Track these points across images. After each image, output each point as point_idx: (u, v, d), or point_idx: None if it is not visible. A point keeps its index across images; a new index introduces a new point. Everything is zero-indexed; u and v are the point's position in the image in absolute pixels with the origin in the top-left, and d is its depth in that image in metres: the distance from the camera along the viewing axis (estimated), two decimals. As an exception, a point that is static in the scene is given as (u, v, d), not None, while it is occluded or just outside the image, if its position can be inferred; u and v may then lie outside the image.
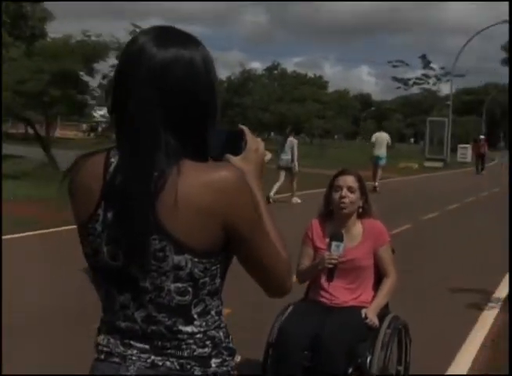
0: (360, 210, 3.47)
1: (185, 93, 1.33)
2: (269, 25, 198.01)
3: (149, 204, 1.27)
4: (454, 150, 37.25)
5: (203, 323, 1.34)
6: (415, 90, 65.43)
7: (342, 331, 3.18)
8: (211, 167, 1.33)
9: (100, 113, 30.15)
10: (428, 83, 61.23)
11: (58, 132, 43.37)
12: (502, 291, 6.60)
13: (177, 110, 1.32)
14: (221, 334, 1.37)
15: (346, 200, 3.39)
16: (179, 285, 1.31)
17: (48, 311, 5.25)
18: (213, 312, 1.36)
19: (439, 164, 32.07)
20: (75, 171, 1.41)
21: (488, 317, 5.68)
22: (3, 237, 7.16)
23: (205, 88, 1.36)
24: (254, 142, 1.47)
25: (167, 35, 1.35)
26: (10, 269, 6.00)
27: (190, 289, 1.32)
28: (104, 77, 21.69)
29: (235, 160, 1.43)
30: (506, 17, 37.19)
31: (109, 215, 1.32)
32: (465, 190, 18.38)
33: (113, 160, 1.35)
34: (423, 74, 60.42)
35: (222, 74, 52.58)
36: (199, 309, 1.34)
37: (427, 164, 31.98)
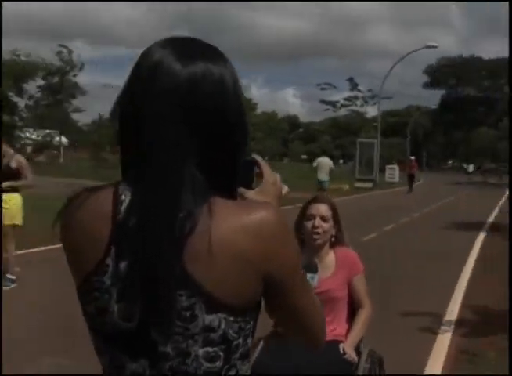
0: (333, 239, 3.32)
1: (213, 112, 1.11)
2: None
3: (174, 251, 1.04)
4: (382, 171, 38.12)
5: None
6: (343, 112, 66.99)
7: (319, 367, 3.00)
8: (247, 207, 1.12)
9: (27, 134, 28.89)
10: (356, 105, 62.81)
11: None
12: (452, 314, 6.62)
13: (202, 128, 1.10)
14: None
15: (319, 230, 3.23)
16: (209, 350, 1.08)
17: None
18: None
19: (369, 185, 32.65)
20: (71, 210, 1.15)
21: (444, 340, 5.65)
22: None
23: (234, 109, 1.14)
24: (271, 175, 1.29)
25: (191, 48, 1.14)
26: None
27: (222, 353, 1.09)
28: (30, 97, 20.97)
29: (251, 193, 1.24)
30: (428, 43, 38.84)
31: (122, 265, 1.07)
32: (398, 211, 18.70)
33: (123, 197, 1.10)
34: (351, 96, 61.95)
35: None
36: None
37: (358, 184, 32.50)
